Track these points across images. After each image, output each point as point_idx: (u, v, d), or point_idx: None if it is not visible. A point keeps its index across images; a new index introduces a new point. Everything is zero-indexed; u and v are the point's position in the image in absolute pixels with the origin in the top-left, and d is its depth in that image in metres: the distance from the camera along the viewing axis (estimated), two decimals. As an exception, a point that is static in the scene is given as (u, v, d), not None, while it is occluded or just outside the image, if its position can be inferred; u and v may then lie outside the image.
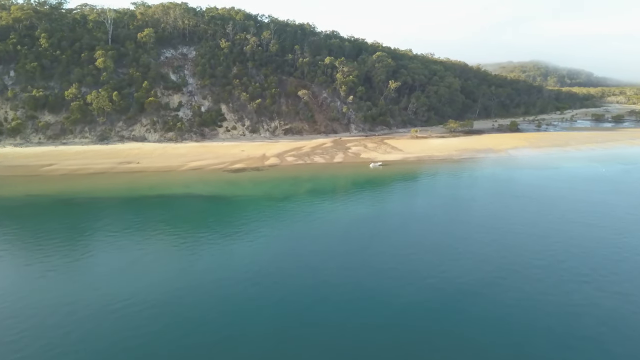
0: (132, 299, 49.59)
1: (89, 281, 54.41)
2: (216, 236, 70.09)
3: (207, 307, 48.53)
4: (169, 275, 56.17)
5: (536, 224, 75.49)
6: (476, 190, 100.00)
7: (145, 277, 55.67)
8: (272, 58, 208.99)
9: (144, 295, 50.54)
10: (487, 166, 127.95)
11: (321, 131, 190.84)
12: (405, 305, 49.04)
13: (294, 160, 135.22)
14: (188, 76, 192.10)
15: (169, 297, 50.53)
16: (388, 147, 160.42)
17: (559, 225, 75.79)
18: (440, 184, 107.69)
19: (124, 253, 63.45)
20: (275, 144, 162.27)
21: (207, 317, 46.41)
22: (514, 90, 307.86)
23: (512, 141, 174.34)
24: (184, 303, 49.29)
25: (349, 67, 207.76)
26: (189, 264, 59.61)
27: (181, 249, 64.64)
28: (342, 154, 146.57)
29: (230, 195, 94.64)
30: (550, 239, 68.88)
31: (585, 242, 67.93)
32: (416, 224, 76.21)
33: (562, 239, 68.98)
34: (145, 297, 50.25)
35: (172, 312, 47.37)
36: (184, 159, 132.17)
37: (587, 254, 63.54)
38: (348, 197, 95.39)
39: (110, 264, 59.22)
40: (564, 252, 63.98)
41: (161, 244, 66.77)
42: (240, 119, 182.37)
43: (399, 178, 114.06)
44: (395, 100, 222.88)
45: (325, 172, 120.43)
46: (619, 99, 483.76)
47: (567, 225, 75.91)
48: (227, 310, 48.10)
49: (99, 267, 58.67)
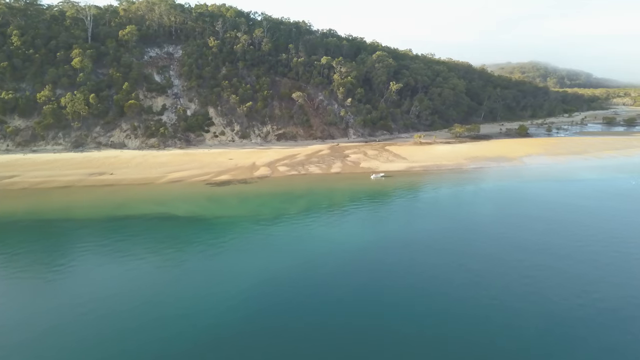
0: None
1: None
2: (183, 271, 57.67)
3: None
4: (113, 330, 43.79)
5: (575, 263, 62.70)
6: (495, 211, 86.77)
7: (87, 325, 43.37)
8: (265, 58, 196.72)
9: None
10: (502, 178, 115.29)
11: (317, 136, 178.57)
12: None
13: (287, 170, 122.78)
14: (173, 77, 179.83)
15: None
16: (390, 154, 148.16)
17: (601, 261, 63.33)
18: (452, 202, 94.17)
19: (61, 292, 51.17)
20: (267, 151, 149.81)
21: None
22: (519, 92, 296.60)
23: (524, 148, 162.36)
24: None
25: (347, 68, 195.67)
26: (142, 307, 47.29)
27: (135, 291, 52.17)
28: (340, 162, 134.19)
29: (210, 217, 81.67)
30: (594, 285, 56.59)
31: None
32: (425, 258, 63.24)
33: (606, 278, 56.84)
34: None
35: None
36: (164, 169, 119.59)
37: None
38: (346, 218, 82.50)
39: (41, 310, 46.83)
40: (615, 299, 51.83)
41: (109, 284, 54.18)
42: (230, 124, 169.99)
43: (405, 194, 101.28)
44: (397, 103, 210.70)
45: (321, 186, 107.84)
46: (625, 100, 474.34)
47: (609, 258, 63.64)
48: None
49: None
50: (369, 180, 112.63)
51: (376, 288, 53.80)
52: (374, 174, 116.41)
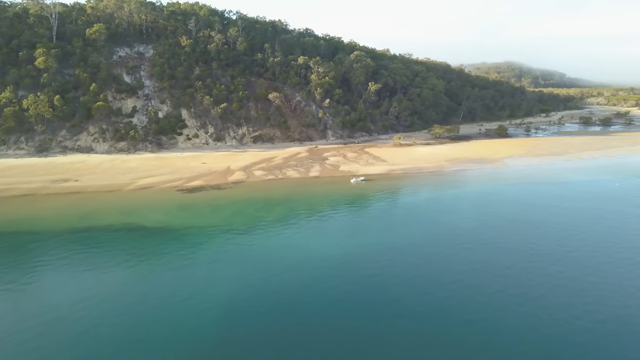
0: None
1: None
2: (150, 286, 53.24)
3: None
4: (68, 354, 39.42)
5: (565, 269, 60.40)
6: (478, 215, 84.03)
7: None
8: (240, 58, 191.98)
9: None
10: (485, 181, 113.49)
11: (295, 138, 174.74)
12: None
13: (263, 174, 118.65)
14: (144, 78, 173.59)
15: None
16: (370, 157, 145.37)
17: (592, 266, 61.35)
18: (435, 207, 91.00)
19: (15, 311, 46.47)
20: (243, 155, 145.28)
21: None
22: (497, 92, 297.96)
23: (505, 149, 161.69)
24: None
25: (325, 68, 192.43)
26: (104, 328, 42.87)
27: (97, 310, 47.59)
28: (319, 166, 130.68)
29: (180, 227, 76.94)
30: (586, 293, 54.44)
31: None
32: (408, 267, 60.30)
33: (599, 287, 54.76)
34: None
35: None
36: (133, 175, 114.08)
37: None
38: (325, 226, 78.87)
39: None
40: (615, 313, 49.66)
41: (69, 302, 49.41)
42: (203, 126, 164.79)
43: (386, 198, 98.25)
44: (376, 104, 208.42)
45: (299, 191, 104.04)
46: (599, 100, 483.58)
47: (600, 263, 61.72)
48: None
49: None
50: (349, 185, 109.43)
51: (355, 302, 50.63)
52: (353, 178, 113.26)
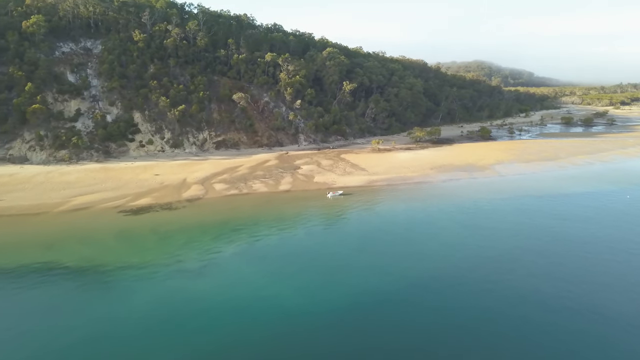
0: None
1: None
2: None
3: None
4: None
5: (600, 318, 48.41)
6: (481, 244, 70.13)
7: None
8: (201, 54, 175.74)
9: None
10: (479, 194, 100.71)
11: (263, 144, 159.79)
12: None
13: (225, 188, 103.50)
14: (91, 77, 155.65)
15: None
16: (347, 164, 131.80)
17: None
18: (427, 232, 76.44)
19: None
20: (203, 164, 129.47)
21: None
22: (475, 91, 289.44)
23: (492, 153, 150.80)
24: None
25: (295, 66, 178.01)
26: None
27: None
28: (290, 176, 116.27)
29: (113, 267, 60.95)
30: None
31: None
32: (409, 328, 47.12)
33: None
34: None
35: None
36: (68, 192, 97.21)
37: None
38: (301, 263, 64.27)
39: None
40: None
41: None
42: (159, 130, 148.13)
43: (370, 221, 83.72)
44: (351, 105, 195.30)
45: (266, 211, 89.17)
46: (573, 99, 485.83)
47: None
48: None
49: None
50: (326, 200, 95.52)
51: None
52: (330, 192, 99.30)
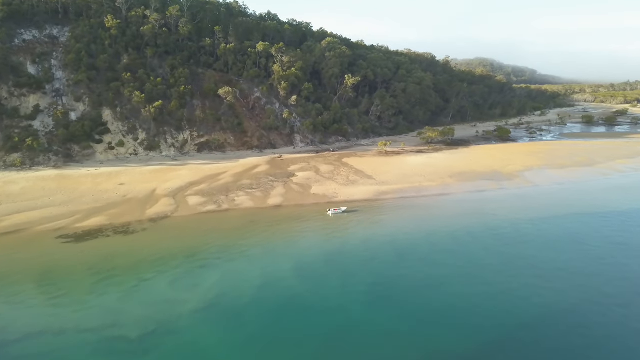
0: None
1: None
2: None
3: None
4: None
5: None
6: (541, 292, 52.93)
7: None
8: (183, 44, 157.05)
9: None
10: (513, 211, 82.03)
11: (253, 145, 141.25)
12: None
13: (201, 203, 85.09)
14: (56, 68, 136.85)
15: None
16: (350, 171, 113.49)
17: None
18: (462, 271, 57.36)
19: None
20: (180, 170, 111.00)
21: None
22: (486, 87, 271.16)
23: (517, 157, 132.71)
24: None
25: (290, 57, 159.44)
26: None
27: None
28: (283, 187, 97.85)
29: (22, 334, 42.85)
30: None
31: None
32: None
33: None
34: None
35: None
36: (4, 208, 78.74)
37: None
38: (285, 327, 46.11)
39: None
40: None
41: None
42: (132, 130, 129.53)
43: (383, 251, 64.93)
44: (354, 101, 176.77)
45: (248, 237, 70.10)
46: (585, 97, 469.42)
47: None
48: None
49: None
50: (325, 219, 77.18)
51: None
52: (331, 209, 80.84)
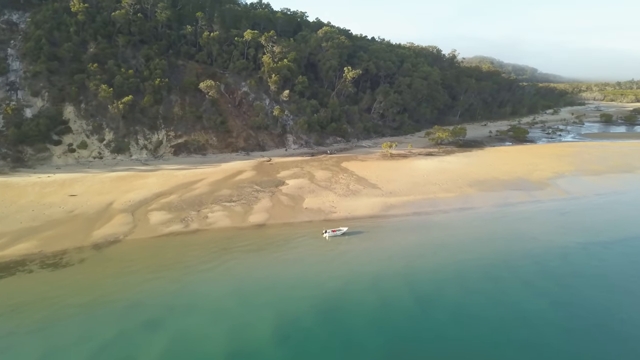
0: None
1: None
2: None
3: None
4: None
5: None
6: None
7: None
8: (162, 32, 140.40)
9: None
10: (556, 232, 65.97)
11: (239, 147, 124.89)
12: None
13: (165, 221, 68.61)
14: (12, 58, 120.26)
15: None
16: (351, 178, 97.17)
17: None
18: (506, 329, 42.51)
19: None
20: (148, 177, 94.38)
21: None
22: (495, 84, 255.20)
23: (541, 161, 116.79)
24: None
25: (283, 47, 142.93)
26: None
27: None
28: (269, 199, 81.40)
29: None
30: None
31: None
32: None
33: None
34: None
35: None
36: None
37: None
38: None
39: None
40: None
41: None
42: (97, 130, 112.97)
43: (399, 295, 48.82)
44: (353, 98, 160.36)
45: (216, 274, 53.32)
46: (594, 95, 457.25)
47: None
48: None
49: None
50: (319, 245, 60.77)
51: None
52: (327, 231, 64.20)
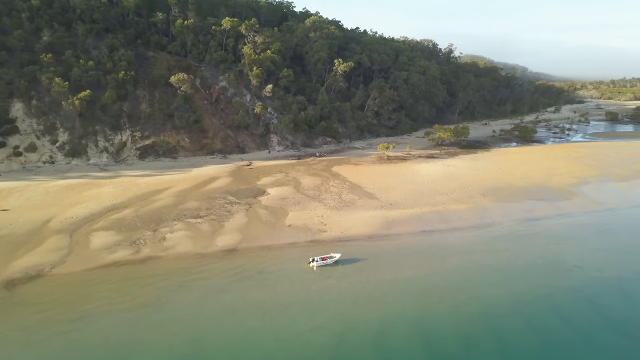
0: None
1: None
2: None
3: None
4: None
5: None
6: None
7: None
8: (129, 19, 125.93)
9: None
10: (606, 260, 52.84)
11: (215, 149, 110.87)
12: None
13: (110, 245, 54.57)
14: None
15: None
16: (344, 185, 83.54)
17: None
18: None
19: None
20: (103, 186, 79.90)
21: None
22: (494, 81, 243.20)
23: (558, 165, 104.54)
24: None
25: (266, 37, 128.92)
26: None
27: None
28: (244, 213, 67.46)
29: None
30: None
31: None
32: None
33: None
34: None
35: None
36: None
37: None
38: None
39: None
40: None
41: None
42: (50, 130, 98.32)
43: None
44: (345, 94, 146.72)
45: (162, 336, 38.97)
46: (591, 93, 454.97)
47: None
48: None
49: None
50: (305, 279, 47.01)
51: None
52: (316, 258, 50.29)
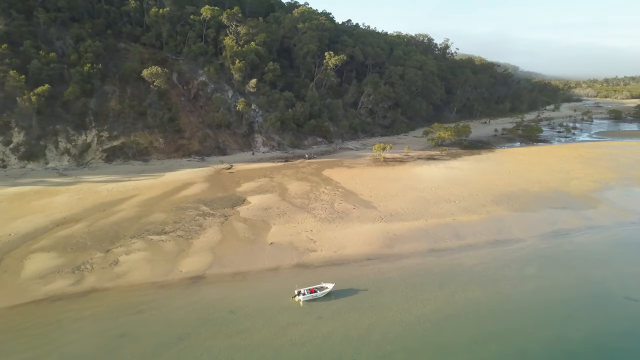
0: None
1: None
2: None
3: None
4: None
5: None
6: None
7: None
8: (98, 7, 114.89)
9: None
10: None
11: (193, 151, 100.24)
12: None
13: (48, 272, 44.14)
14: None
15: None
16: (336, 192, 73.40)
17: None
18: None
19: None
20: (58, 194, 69.02)
21: None
22: (492, 78, 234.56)
23: (572, 167, 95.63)
24: None
25: (250, 27, 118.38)
26: None
27: None
28: (218, 227, 56.98)
29: None
30: None
31: None
32: None
33: None
34: None
35: None
36: None
37: None
38: None
39: None
40: None
41: None
42: (3, 130, 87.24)
43: None
44: (336, 90, 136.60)
45: None
46: (588, 91, 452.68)
47: None
48: None
49: None
50: (286, 325, 36.71)
51: None
52: (302, 290, 39.87)
